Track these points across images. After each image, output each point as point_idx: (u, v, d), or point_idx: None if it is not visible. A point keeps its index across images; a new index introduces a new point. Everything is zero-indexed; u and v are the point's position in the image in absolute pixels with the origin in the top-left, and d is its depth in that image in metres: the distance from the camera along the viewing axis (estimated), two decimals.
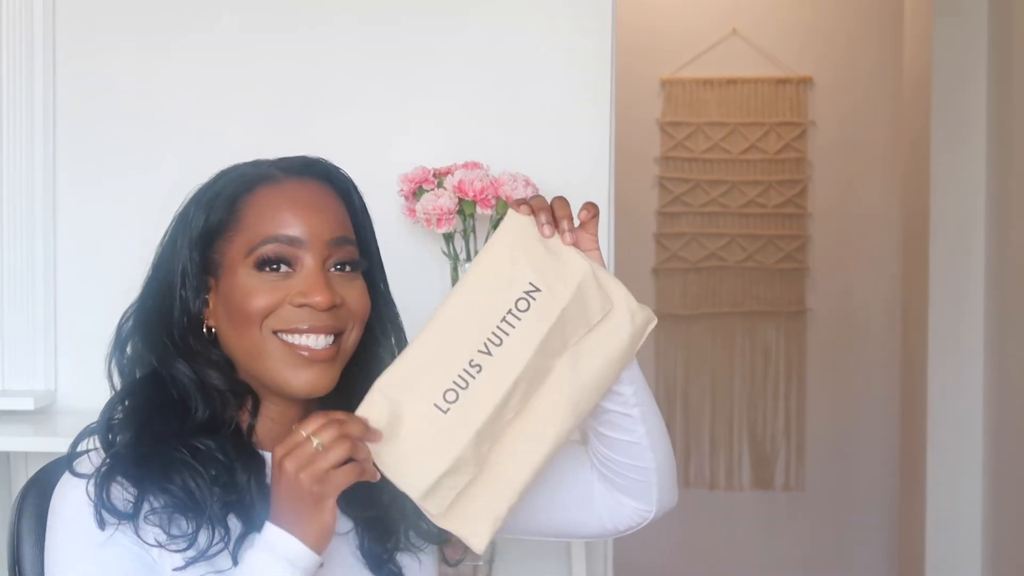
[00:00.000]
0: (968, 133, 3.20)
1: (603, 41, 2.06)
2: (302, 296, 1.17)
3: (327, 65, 2.08)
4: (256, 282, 1.17)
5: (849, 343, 4.15)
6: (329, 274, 1.20)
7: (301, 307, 1.17)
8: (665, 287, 4.16)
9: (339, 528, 1.21)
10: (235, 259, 1.19)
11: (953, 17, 3.21)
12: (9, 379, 2.06)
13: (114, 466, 1.14)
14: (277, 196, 1.20)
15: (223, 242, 1.19)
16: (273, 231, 1.18)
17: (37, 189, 2.06)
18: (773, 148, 4.12)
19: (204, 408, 1.18)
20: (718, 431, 4.17)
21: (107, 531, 1.11)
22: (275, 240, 1.17)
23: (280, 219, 1.18)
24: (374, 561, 1.23)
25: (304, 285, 1.18)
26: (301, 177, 1.22)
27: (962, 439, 3.23)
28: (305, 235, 1.18)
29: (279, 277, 1.18)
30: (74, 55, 2.07)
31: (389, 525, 1.24)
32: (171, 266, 1.21)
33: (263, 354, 1.18)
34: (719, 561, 4.09)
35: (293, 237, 1.18)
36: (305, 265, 1.18)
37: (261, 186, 1.20)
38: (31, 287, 2.06)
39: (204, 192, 1.22)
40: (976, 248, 3.21)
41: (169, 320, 1.20)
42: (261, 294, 1.17)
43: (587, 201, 1.20)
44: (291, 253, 1.18)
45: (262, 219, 1.18)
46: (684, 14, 4.11)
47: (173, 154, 2.02)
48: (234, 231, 1.19)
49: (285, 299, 1.17)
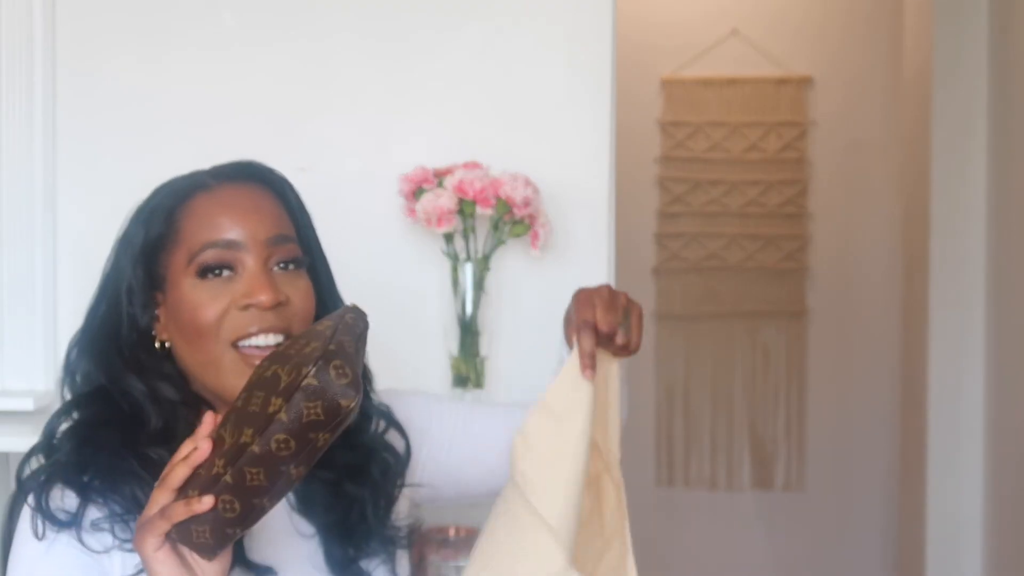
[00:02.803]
0: (968, 133, 3.20)
1: (603, 41, 2.06)
2: (246, 297, 1.18)
3: (327, 65, 2.08)
4: (200, 292, 1.18)
5: (849, 343, 4.15)
6: (272, 273, 1.20)
7: (246, 309, 1.18)
8: (665, 287, 4.16)
9: (303, 532, 1.23)
10: (178, 271, 1.19)
11: (953, 17, 3.21)
12: (9, 379, 2.06)
13: (53, 474, 1.14)
14: (211, 203, 1.20)
15: (165, 255, 1.20)
16: (210, 237, 1.18)
17: (37, 189, 2.05)
18: (773, 148, 4.12)
19: (158, 419, 1.17)
20: (718, 431, 4.17)
21: (46, 541, 1.11)
22: (213, 245, 1.18)
23: (216, 224, 1.19)
24: (337, 565, 1.23)
25: (247, 286, 1.18)
26: (234, 181, 1.23)
27: (962, 439, 3.23)
28: (242, 237, 1.19)
29: (222, 282, 1.18)
30: (74, 55, 2.07)
31: (351, 529, 1.24)
32: (116, 285, 1.21)
33: (218, 366, 1.18)
34: (719, 561, 4.09)
35: (231, 240, 1.18)
36: (247, 267, 1.19)
37: (196, 195, 1.21)
38: (31, 287, 2.06)
39: (142, 208, 1.23)
40: (976, 248, 3.20)
41: (118, 338, 1.20)
42: (207, 303, 1.17)
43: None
44: (231, 256, 1.18)
45: (199, 227, 1.19)
46: (684, 14, 4.11)
47: (173, 153, 2.02)
48: (174, 243, 1.19)
49: (230, 303, 1.18)
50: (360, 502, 1.25)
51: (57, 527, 1.11)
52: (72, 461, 1.15)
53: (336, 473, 1.24)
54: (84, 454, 1.15)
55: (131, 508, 1.12)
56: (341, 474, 1.25)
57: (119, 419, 1.17)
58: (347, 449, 1.26)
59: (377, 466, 1.28)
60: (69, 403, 1.21)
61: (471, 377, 1.95)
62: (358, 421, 1.28)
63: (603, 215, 2.06)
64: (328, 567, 1.22)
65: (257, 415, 1.00)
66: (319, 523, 1.23)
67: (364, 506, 1.25)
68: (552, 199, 2.00)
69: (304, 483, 1.23)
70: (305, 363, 1.00)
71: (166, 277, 1.20)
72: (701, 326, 4.17)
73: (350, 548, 1.23)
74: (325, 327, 1.05)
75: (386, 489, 1.28)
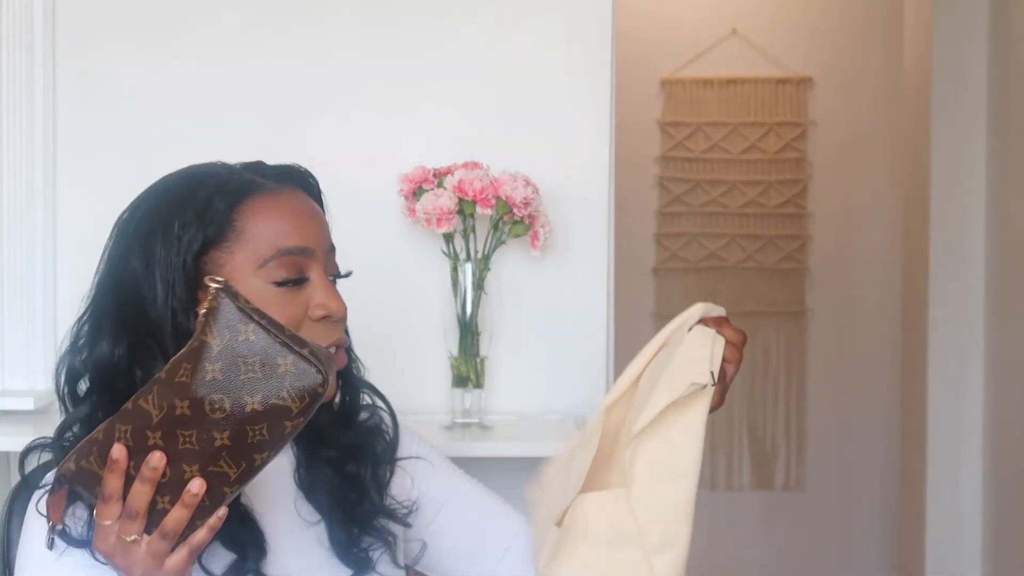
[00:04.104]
0: (968, 133, 3.20)
1: (603, 41, 2.06)
2: (322, 308, 1.16)
3: (327, 65, 2.08)
4: (271, 297, 1.14)
5: (849, 343, 4.15)
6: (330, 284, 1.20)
7: (321, 320, 1.17)
8: (665, 287, 4.16)
9: (308, 519, 1.23)
10: (239, 272, 1.15)
11: (953, 17, 3.21)
12: (9, 379, 2.06)
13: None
14: (276, 206, 1.17)
15: (218, 253, 1.15)
16: (284, 243, 1.16)
17: (37, 189, 2.06)
18: (773, 148, 4.12)
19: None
20: (718, 431, 4.17)
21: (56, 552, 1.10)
22: (288, 252, 1.15)
23: (286, 230, 1.16)
24: (342, 549, 1.23)
25: (322, 297, 1.17)
26: (290, 185, 1.21)
27: (962, 439, 3.23)
28: (312, 244, 1.18)
29: (294, 291, 1.16)
30: (74, 54, 2.07)
31: (353, 508, 1.24)
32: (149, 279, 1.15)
33: None
34: (719, 561, 4.08)
35: (304, 248, 1.17)
36: (314, 276, 1.17)
37: (254, 195, 1.17)
38: (31, 287, 2.06)
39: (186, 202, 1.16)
40: (976, 248, 3.20)
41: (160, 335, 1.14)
42: (279, 310, 1.12)
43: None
44: (304, 264, 1.17)
45: (268, 231, 1.16)
46: (684, 14, 4.11)
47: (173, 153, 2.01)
48: (232, 243, 1.15)
49: (304, 313, 1.16)
50: (360, 481, 1.25)
51: (74, 546, 1.10)
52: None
53: (339, 452, 1.25)
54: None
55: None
56: (343, 454, 1.26)
57: None
58: (347, 428, 1.27)
59: (377, 443, 1.29)
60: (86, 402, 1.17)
61: (471, 377, 1.95)
62: (354, 401, 1.29)
63: (603, 215, 2.06)
64: (333, 551, 1.23)
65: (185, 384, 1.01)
66: (323, 507, 1.24)
67: (365, 485, 1.25)
68: (552, 199, 2.00)
69: (308, 468, 1.24)
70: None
71: (216, 274, 1.14)
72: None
73: (354, 528, 1.24)
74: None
75: (383, 465, 1.29)
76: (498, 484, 1.44)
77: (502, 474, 1.68)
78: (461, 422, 1.93)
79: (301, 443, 1.26)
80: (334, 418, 1.27)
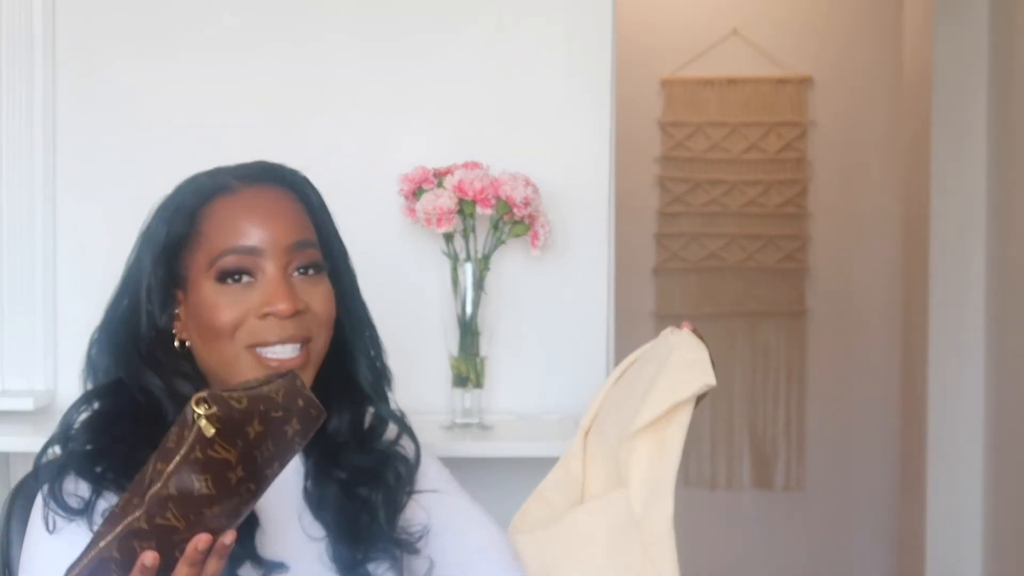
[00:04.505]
0: (968, 133, 3.20)
1: (603, 41, 2.06)
2: (265, 305, 1.18)
3: (327, 65, 2.08)
4: (219, 296, 1.18)
5: (849, 343, 4.15)
6: (292, 279, 1.20)
7: (265, 317, 1.18)
8: (665, 287, 4.16)
9: (312, 534, 1.22)
10: (198, 272, 1.19)
11: (953, 17, 3.21)
12: (9, 379, 2.06)
13: (67, 464, 1.14)
14: (233, 206, 1.20)
15: (186, 254, 1.20)
16: (230, 243, 1.18)
17: (37, 189, 2.06)
18: (773, 148, 4.12)
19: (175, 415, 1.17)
20: (718, 431, 4.17)
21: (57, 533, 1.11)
22: (232, 252, 1.18)
23: (237, 229, 1.19)
24: (344, 567, 1.22)
25: (266, 294, 1.18)
26: (257, 184, 1.22)
27: (962, 439, 3.23)
28: (263, 243, 1.19)
29: (241, 288, 1.18)
30: (74, 55, 2.07)
31: (360, 531, 1.24)
32: (137, 281, 1.21)
33: (236, 367, 1.18)
34: (719, 561, 4.08)
35: (251, 247, 1.18)
36: (266, 273, 1.19)
37: (218, 197, 1.20)
38: (31, 287, 2.06)
39: (166, 206, 1.22)
40: (976, 248, 3.20)
41: (137, 334, 1.20)
42: (225, 308, 1.17)
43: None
44: (250, 263, 1.18)
45: (220, 231, 1.19)
46: (684, 14, 4.11)
47: (173, 154, 2.02)
48: (195, 244, 1.19)
49: (249, 311, 1.18)
50: (371, 505, 1.25)
51: (69, 516, 1.11)
52: (87, 451, 1.15)
53: (350, 474, 1.25)
54: (100, 445, 1.15)
55: None
56: (355, 477, 1.25)
57: (137, 412, 1.17)
58: (362, 453, 1.26)
59: (391, 471, 1.28)
60: (88, 393, 1.22)
61: (471, 377, 1.95)
62: (374, 426, 1.29)
63: (603, 215, 2.06)
64: (335, 568, 1.22)
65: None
66: (329, 524, 1.23)
67: (375, 510, 1.25)
68: (552, 199, 2.00)
69: (317, 485, 1.24)
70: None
71: (187, 277, 1.20)
72: (701, 326, 4.09)
73: (358, 551, 1.23)
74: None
75: (397, 494, 1.28)
76: (497, 484, 1.44)
77: (502, 474, 1.68)
78: (461, 422, 1.93)
79: (311, 455, 1.26)
80: (349, 439, 1.27)
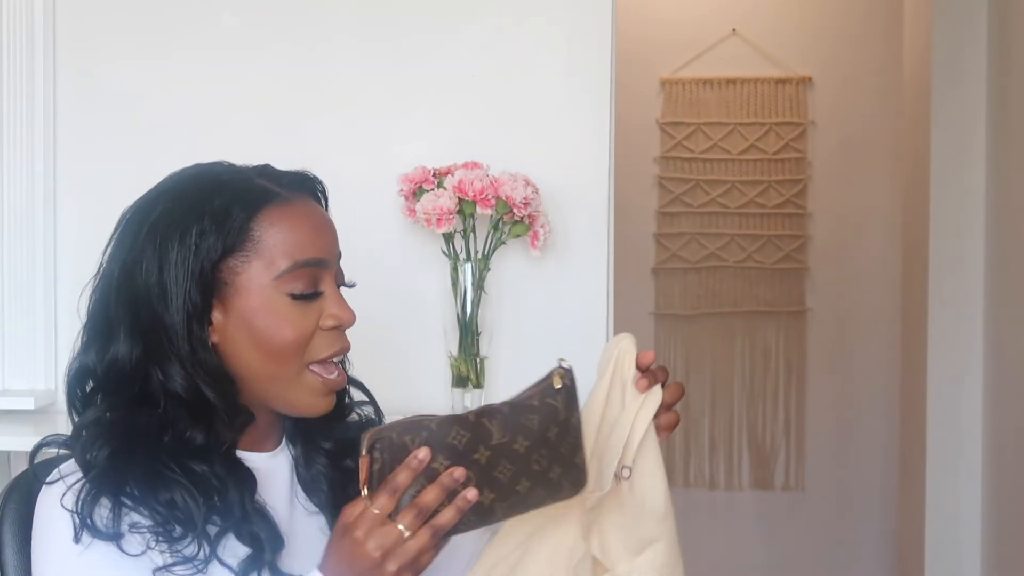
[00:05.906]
0: (968, 133, 3.20)
1: (603, 41, 2.06)
2: (334, 319, 1.18)
3: (327, 65, 2.08)
4: (286, 308, 1.16)
5: (849, 343, 4.15)
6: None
7: (331, 330, 1.18)
8: (665, 287, 4.16)
9: (309, 509, 1.25)
10: (256, 281, 1.15)
11: (953, 17, 3.21)
12: (9, 379, 2.07)
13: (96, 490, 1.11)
14: (292, 216, 1.18)
15: (234, 261, 1.15)
16: (301, 255, 1.17)
17: (37, 189, 2.06)
18: (773, 148, 4.12)
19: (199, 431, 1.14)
20: (718, 431, 4.17)
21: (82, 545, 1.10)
22: (305, 264, 1.16)
23: (302, 242, 1.17)
24: None
25: (335, 308, 1.18)
26: (302, 193, 1.22)
27: (962, 439, 3.23)
28: (326, 254, 1.19)
29: (310, 302, 1.17)
30: (74, 54, 2.07)
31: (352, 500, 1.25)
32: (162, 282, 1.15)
33: (292, 384, 1.18)
34: (719, 561, 4.08)
35: (320, 259, 1.18)
36: (327, 286, 1.19)
37: (271, 205, 1.17)
38: (31, 287, 2.06)
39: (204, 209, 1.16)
40: (976, 248, 3.20)
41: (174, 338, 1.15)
42: (297, 323, 1.16)
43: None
44: (319, 276, 1.18)
45: (284, 242, 1.16)
46: (684, 14, 4.11)
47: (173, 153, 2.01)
48: (249, 252, 1.16)
49: (316, 324, 1.17)
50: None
51: (102, 540, 1.10)
52: (110, 473, 1.12)
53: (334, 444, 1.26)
54: (119, 464, 1.12)
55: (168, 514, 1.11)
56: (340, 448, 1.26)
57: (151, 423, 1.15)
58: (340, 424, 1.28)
59: None
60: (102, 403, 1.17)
61: (471, 377, 1.95)
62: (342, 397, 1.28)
63: (603, 215, 2.06)
64: None
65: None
66: (323, 499, 1.25)
67: None
68: (552, 199, 2.00)
69: (308, 468, 1.26)
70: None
71: (230, 283, 1.16)
72: (700, 326, 4.17)
73: None
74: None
75: None
76: None
77: None
78: None
79: (297, 443, 1.27)
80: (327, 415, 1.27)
